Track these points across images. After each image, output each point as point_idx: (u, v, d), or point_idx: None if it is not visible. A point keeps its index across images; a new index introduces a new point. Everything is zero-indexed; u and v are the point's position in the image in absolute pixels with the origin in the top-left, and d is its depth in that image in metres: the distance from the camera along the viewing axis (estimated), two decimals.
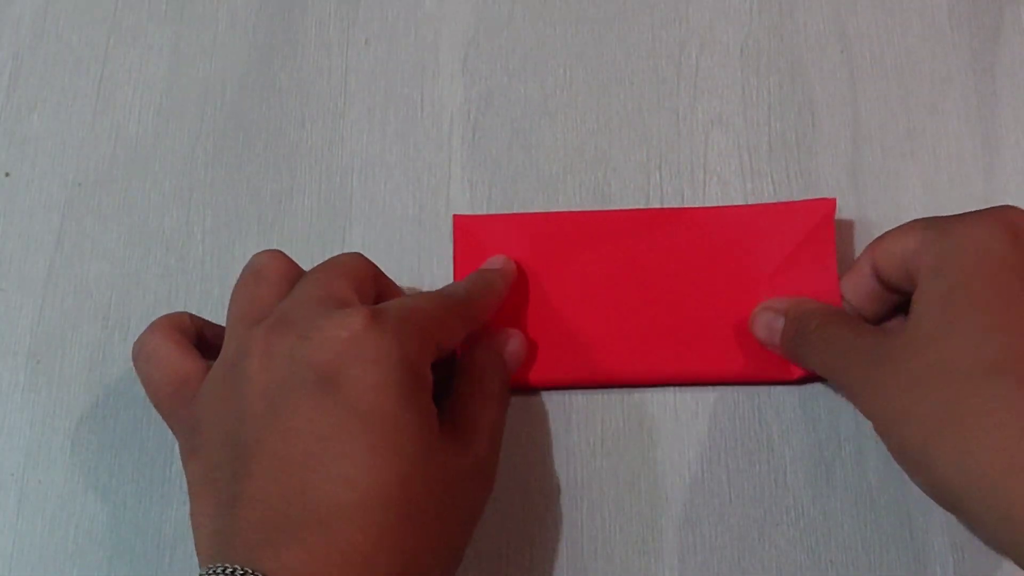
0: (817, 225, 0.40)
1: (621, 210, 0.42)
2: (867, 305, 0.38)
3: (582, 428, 0.40)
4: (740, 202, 0.43)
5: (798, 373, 0.39)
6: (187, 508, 0.33)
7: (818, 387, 0.40)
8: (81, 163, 0.44)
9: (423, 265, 0.42)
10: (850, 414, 0.40)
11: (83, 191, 0.44)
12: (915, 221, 0.36)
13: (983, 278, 0.32)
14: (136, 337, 0.41)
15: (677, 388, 0.40)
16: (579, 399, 0.40)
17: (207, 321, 0.38)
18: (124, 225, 0.43)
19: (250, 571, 0.28)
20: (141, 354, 0.36)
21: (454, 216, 0.42)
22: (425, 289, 0.42)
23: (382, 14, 0.47)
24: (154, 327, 0.36)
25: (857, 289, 0.38)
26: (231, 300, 0.36)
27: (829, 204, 0.41)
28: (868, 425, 0.39)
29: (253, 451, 0.31)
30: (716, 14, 0.46)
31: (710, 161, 0.44)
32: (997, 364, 0.30)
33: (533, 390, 0.40)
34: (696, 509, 0.39)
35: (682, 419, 0.40)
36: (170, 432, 0.40)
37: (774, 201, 0.43)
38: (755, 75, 0.45)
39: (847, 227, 0.42)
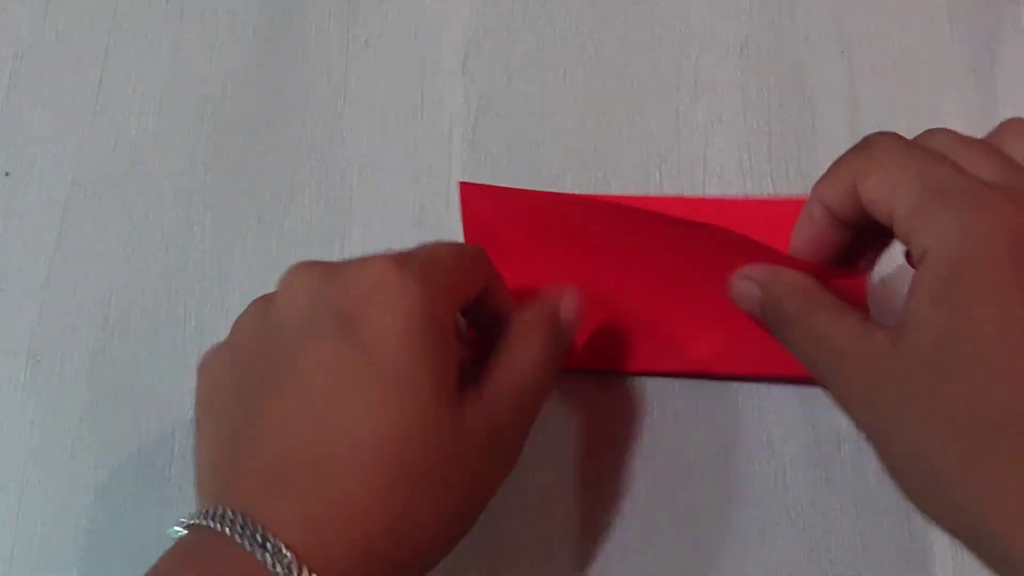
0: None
1: (627, 197, 0.42)
2: (822, 245, 0.35)
3: (582, 428, 0.40)
4: None
5: (794, 371, 0.39)
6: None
7: (818, 387, 0.40)
8: (81, 163, 0.44)
9: None
10: None
11: (83, 191, 0.44)
12: (902, 171, 0.31)
13: (992, 316, 0.28)
14: (136, 334, 0.41)
15: (678, 389, 0.40)
16: (579, 398, 0.40)
17: None
18: (124, 225, 0.43)
19: (242, 517, 0.28)
20: None
21: (460, 184, 0.40)
22: None
23: (382, 14, 0.47)
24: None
25: (809, 235, 0.35)
26: None
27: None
28: None
29: (270, 393, 0.31)
30: (716, 14, 0.46)
31: (710, 161, 0.44)
32: (1010, 411, 0.28)
33: None
34: (696, 510, 0.39)
35: (682, 419, 0.40)
36: (170, 432, 0.40)
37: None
38: (755, 75, 0.45)
39: None
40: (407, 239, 0.43)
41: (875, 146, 0.32)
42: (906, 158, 0.31)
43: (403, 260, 0.32)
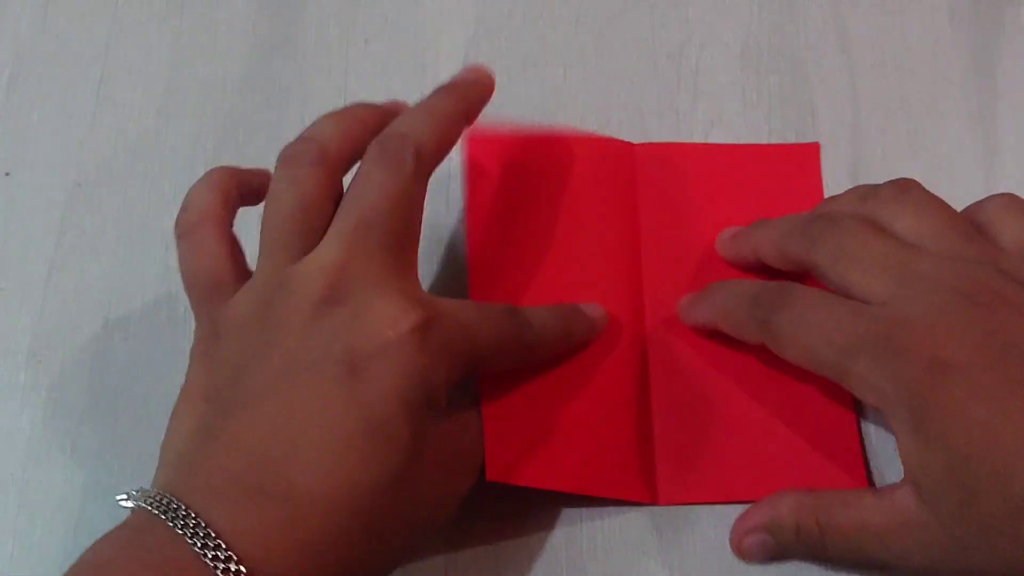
0: (804, 169, 0.41)
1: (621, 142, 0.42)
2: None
3: None
4: None
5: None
6: None
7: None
8: (81, 163, 0.44)
9: (423, 265, 0.42)
10: None
11: (83, 191, 0.44)
12: (809, 306, 0.34)
13: (969, 430, 0.30)
14: (136, 334, 0.41)
15: None
16: None
17: (247, 174, 0.37)
18: (124, 225, 0.43)
19: (200, 522, 0.28)
20: (187, 241, 0.35)
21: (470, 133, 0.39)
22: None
23: (382, 14, 0.47)
24: (206, 212, 0.35)
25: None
26: (269, 212, 0.34)
27: (813, 148, 0.41)
28: (867, 424, 0.39)
29: (254, 400, 0.30)
30: (716, 14, 0.46)
31: None
32: None
33: None
34: (696, 509, 0.38)
35: None
36: None
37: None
38: (755, 75, 0.45)
39: None
40: None
41: (793, 301, 0.34)
42: (818, 314, 0.33)
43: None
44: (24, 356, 0.41)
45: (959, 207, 0.42)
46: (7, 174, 0.44)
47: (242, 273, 0.35)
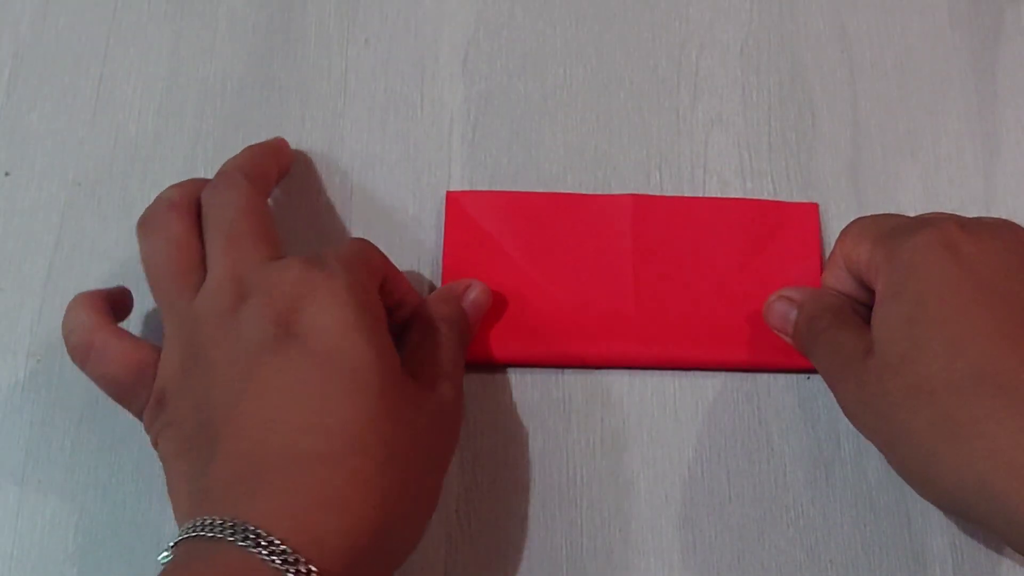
0: (804, 230, 0.41)
1: (612, 195, 0.43)
2: (850, 293, 0.39)
3: (582, 428, 0.40)
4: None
5: (793, 363, 0.40)
6: None
7: (817, 386, 0.40)
8: (81, 163, 0.44)
9: (423, 265, 0.42)
10: None
11: (83, 191, 0.44)
12: (864, 227, 0.38)
13: (939, 299, 0.34)
14: (135, 333, 0.41)
15: (678, 388, 0.40)
16: (579, 398, 0.40)
17: (110, 289, 0.38)
18: (124, 225, 0.43)
19: (228, 519, 0.29)
20: (91, 356, 0.36)
21: (448, 193, 0.42)
22: (422, 293, 0.42)
23: (382, 14, 0.47)
24: (89, 326, 0.36)
25: (836, 280, 0.39)
26: (151, 267, 0.37)
27: (812, 209, 0.42)
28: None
29: (227, 414, 0.32)
30: (716, 14, 0.46)
31: (710, 161, 0.44)
32: (975, 376, 0.32)
33: (531, 384, 0.40)
34: (696, 509, 0.39)
35: (682, 419, 0.40)
36: None
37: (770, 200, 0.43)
38: (755, 75, 0.45)
39: None
40: (407, 238, 0.43)
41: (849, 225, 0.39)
42: (863, 222, 0.38)
43: (316, 258, 0.34)
44: (24, 356, 0.41)
45: (959, 207, 0.43)
46: (7, 174, 0.44)
47: (154, 349, 0.36)
